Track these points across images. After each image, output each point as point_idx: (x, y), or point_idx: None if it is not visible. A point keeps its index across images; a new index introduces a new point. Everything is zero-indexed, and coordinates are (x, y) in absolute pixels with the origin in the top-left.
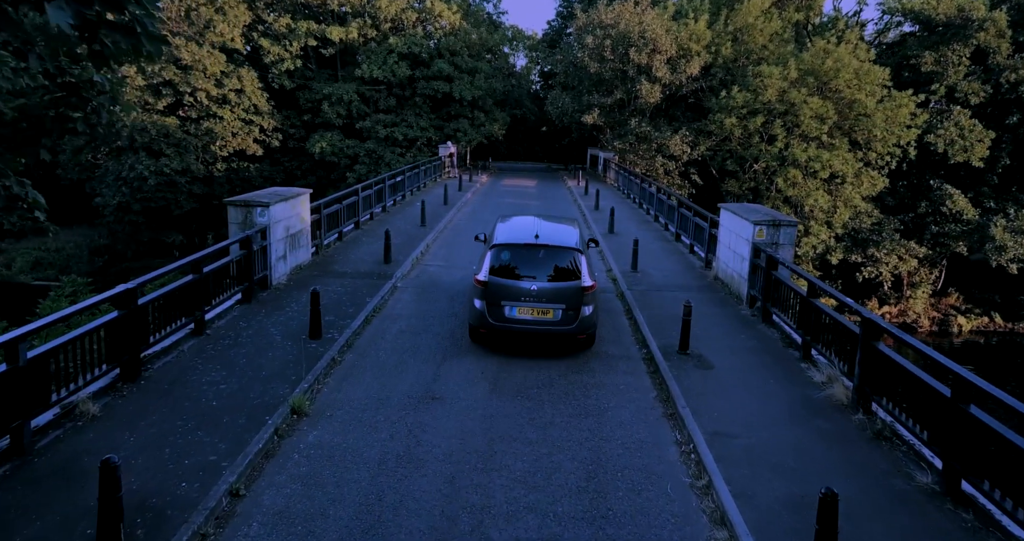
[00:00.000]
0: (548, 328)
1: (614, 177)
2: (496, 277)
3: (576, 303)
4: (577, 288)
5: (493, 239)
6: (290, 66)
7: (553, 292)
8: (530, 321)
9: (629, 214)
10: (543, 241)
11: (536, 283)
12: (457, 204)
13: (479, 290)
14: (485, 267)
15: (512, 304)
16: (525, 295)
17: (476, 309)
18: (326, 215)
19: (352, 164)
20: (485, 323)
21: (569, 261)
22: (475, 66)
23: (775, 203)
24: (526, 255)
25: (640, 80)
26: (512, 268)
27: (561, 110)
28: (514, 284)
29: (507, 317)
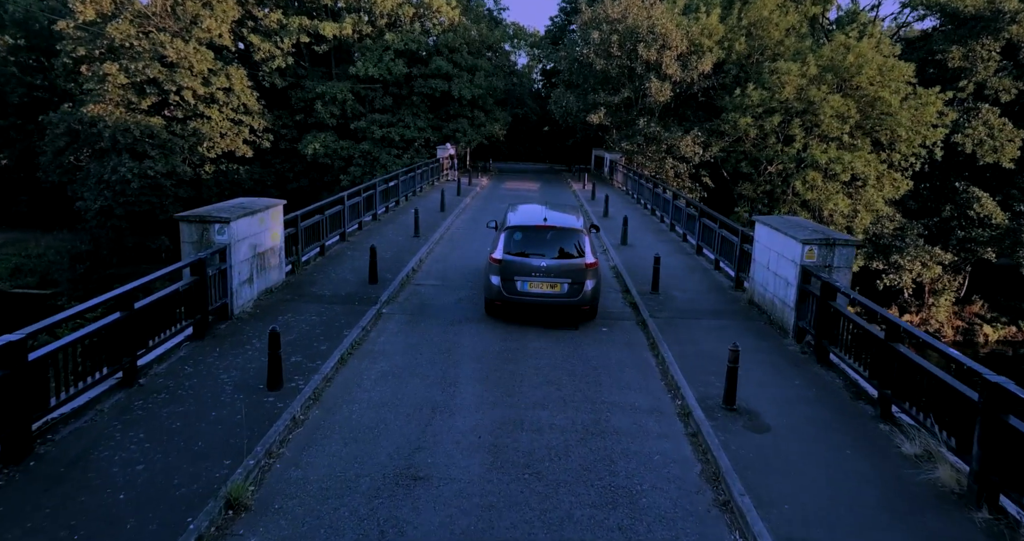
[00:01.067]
0: (556, 300)
1: (622, 180)
2: (510, 256)
3: (581, 278)
4: (581, 264)
5: (506, 222)
6: (281, 64)
7: (560, 268)
8: (540, 294)
9: (642, 222)
10: (551, 223)
11: (545, 260)
12: (455, 211)
13: (495, 267)
14: (500, 247)
15: (524, 279)
16: (536, 271)
17: (492, 285)
18: (304, 228)
19: (346, 166)
20: (501, 296)
21: (574, 241)
22: (475, 64)
23: (792, 207)
24: (536, 236)
25: (649, 77)
26: (524, 247)
27: (565, 109)
28: (526, 261)
29: (520, 291)
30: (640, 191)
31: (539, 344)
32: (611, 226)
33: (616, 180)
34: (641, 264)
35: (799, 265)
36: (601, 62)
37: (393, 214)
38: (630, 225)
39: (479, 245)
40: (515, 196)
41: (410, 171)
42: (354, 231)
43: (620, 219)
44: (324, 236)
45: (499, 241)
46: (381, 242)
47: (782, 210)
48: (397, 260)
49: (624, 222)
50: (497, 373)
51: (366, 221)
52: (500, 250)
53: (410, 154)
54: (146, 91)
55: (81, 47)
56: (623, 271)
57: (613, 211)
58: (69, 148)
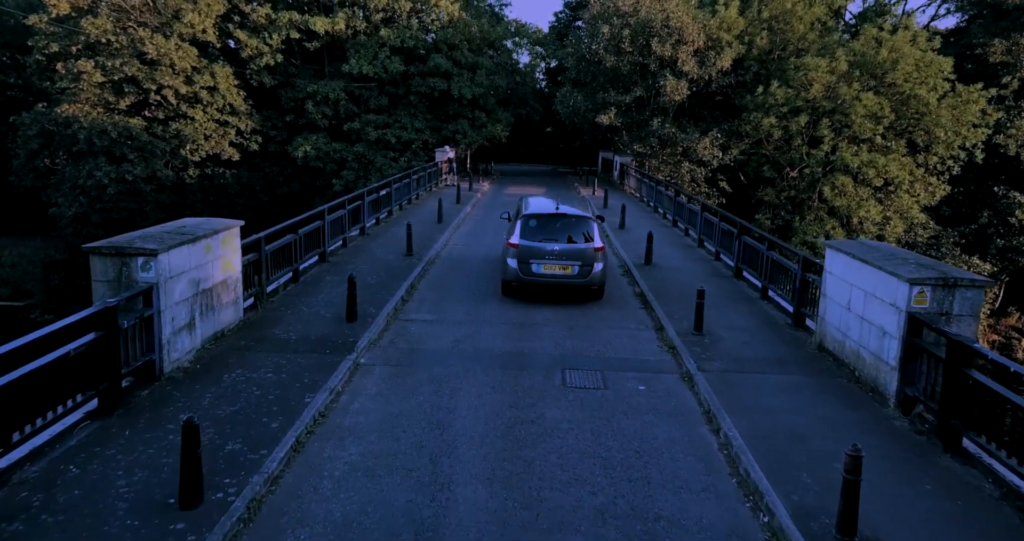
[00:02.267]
0: (567, 281)
1: (635, 186)
2: (526, 240)
3: (590, 260)
4: (591, 249)
5: (523, 211)
6: (270, 61)
7: (572, 252)
8: (553, 275)
9: (664, 236)
10: (563, 211)
11: (558, 244)
12: (453, 222)
13: (512, 251)
14: (517, 233)
15: (539, 262)
16: (549, 254)
17: (510, 267)
18: (273, 251)
19: (339, 170)
20: (517, 277)
21: (584, 227)
22: (476, 61)
23: (818, 214)
24: (549, 223)
25: (664, 75)
26: (538, 233)
27: (572, 109)
28: (540, 246)
29: (535, 272)
30: (658, 199)
31: (559, 415)
32: (630, 240)
33: (628, 185)
34: (673, 291)
35: (904, 311)
36: (611, 59)
37: (384, 227)
38: (651, 239)
39: (482, 265)
40: None
41: (404, 177)
42: (337, 249)
43: (639, 232)
44: (298, 258)
45: (516, 228)
46: (367, 263)
47: (807, 217)
48: (384, 287)
49: (649, 239)
50: (507, 466)
51: (352, 236)
52: (517, 235)
53: (407, 157)
54: (124, 90)
55: (55, 43)
56: (653, 300)
57: (630, 222)
58: (43, 150)
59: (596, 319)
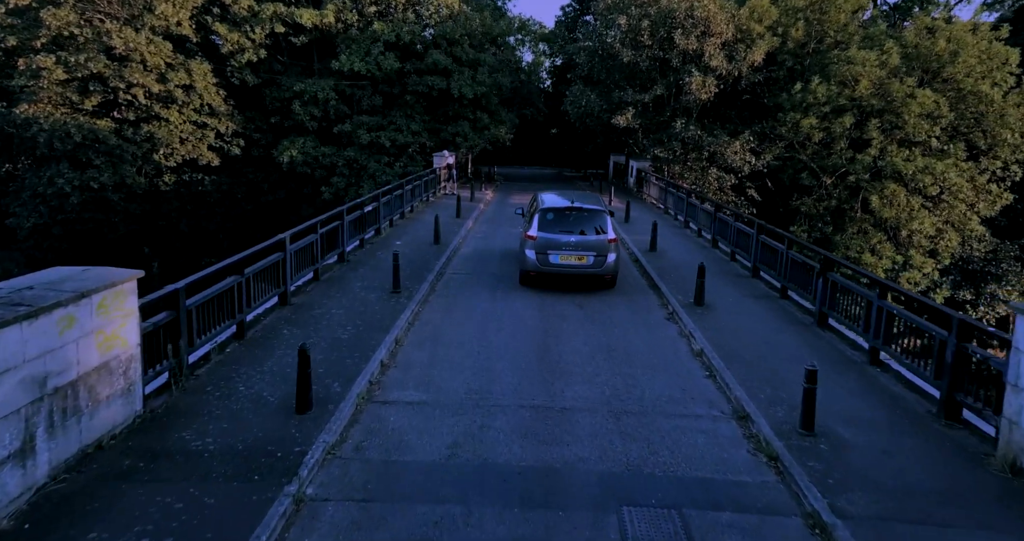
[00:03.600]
0: (583, 270)
1: (657, 195)
2: (543, 233)
3: (604, 251)
4: (604, 240)
5: (540, 206)
6: (252, 57)
7: (587, 243)
8: (569, 266)
9: (707, 261)
10: (578, 205)
11: (574, 236)
12: (453, 242)
13: (530, 243)
14: (535, 226)
15: (555, 252)
16: (566, 245)
17: (528, 257)
18: (200, 305)
19: (328, 176)
20: (536, 267)
21: (598, 220)
22: (477, 58)
23: (862, 227)
24: (565, 216)
25: (689, 70)
26: (555, 226)
27: (584, 110)
28: (557, 237)
29: (552, 262)
30: (689, 213)
31: None
32: (667, 268)
33: (648, 194)
34: (745, 351)
35: None
36: (629, 53)
37: (369, 251)
38: (692, 269)
39: (487, 304)
40: None
41: (396, 188)
42: (306, 285)
43: (677, 256)
44: (245, 305)
45: (534, 221)
46: (341, 306)
47: (848, 229)
48: (359, 345)
49: (700, 273)
50: None
51: (329, 263)
52: (535, 228)
53: (403, 162)
54: (90, 89)
55: (13, 37)
56: (720, 367)
57: (664, 244)
58: (2, 155)
59: (648, 401)
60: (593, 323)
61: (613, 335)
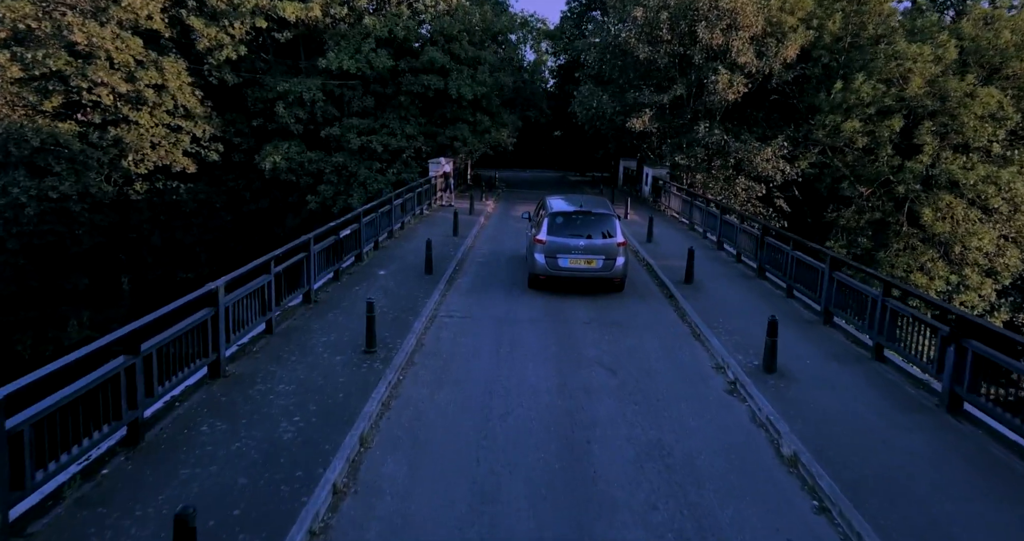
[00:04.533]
0: (592, 274)
1: (679, 208)
2: (553, 236)
3: (613, 254)
4: (613, 243)
5: (549, 209)
6: (231, 54)
7: (596, 246)
8: (579, 269)
9: (764, 304)
10: (587, 209)
11: (583, 240)
12: (447, 271)
13: (540, 247)
14: (544, 230)
15: (565, 256)
16: (574, 249)
17: (537, 261)
18: (52, 414)
19: (315, 184)
20: (545, 271)
21: (606, 223)
22: (477, 56)
23: (910, 243)
24: (575, 220)
25: (715, 68)
26: (564, 229)
27: (595, 112)
28: (566, 241)
29: (561, 266)
30: (728, 234)
31: None
32: (711, 309)
33: (669, 206)
34: (870, 467)
35: None
36: (645, 49)
37: (345, 285)
38: (747, 314)
39: (490, 367)
40: None
41: (382, 205)
42: (252, 343)
43: (720, 292)
44: (138, 401)
45: (543, 225)
46: (293, 378)
47: (894, 245)
48: (299, 458)
49: (771, 329)
50: None
51: (291, 308)
52: (544, 232)
53: (396, 168)
54: (50, 89)
55: None
56: (836, 499)
57: (702, 274)
58: None
59: None
60: (635, 401)
61: (662, 422)
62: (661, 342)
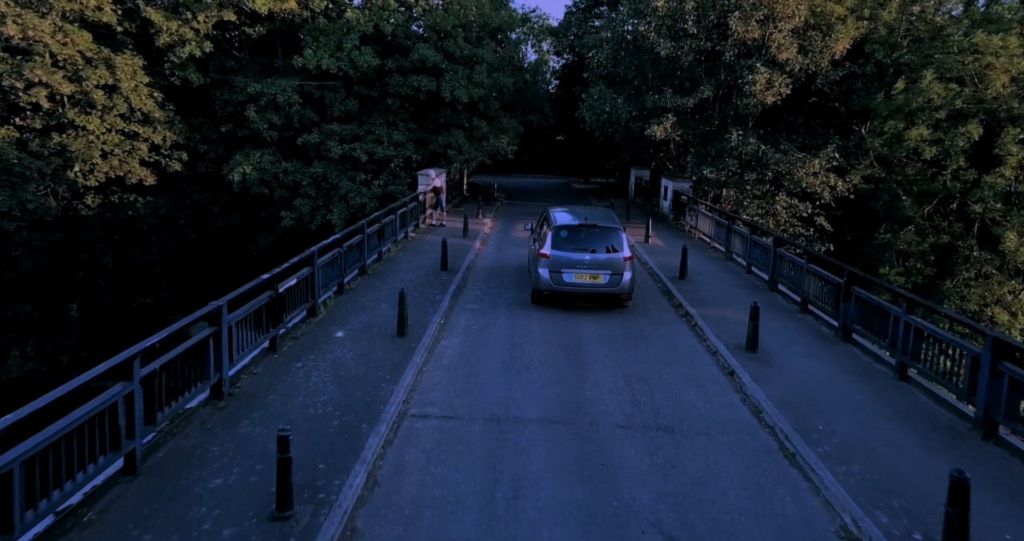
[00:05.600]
0: (598, 289)
1: (711, 231)
2: (557, 250)
3: (620, 269)
4: (620, 258)
5: (553, 222)
6: (195, 51)
7: (602, 261)
8: (584, 285)
9: (857, 382)
10: (592, 222)
11: (588, 254)
12: (428, 330)
13: (544, 261)
14: (548, 243)
15: (570, 271)
16: (580, 264)
17: (541, 276)
18: None
19: (291, 197)
20: (549, 286)
21: (612, 237)
22: (474, 54)
23: (983, 271)
24: (580, 233)
25: (751, 66)
26: (569, 244)
27: (608, 117)
28: (570, 255)
29: (566, 281)
30: (786, 271)
31: None
32: (791, 398)
33: (696, 227)
34: None
35: None
36: (667, 45)
37: (283, 361)
38: (841, 396)
39: (477, 532)
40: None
41: (350, 236)
42: (151, 445)
43: (797, 364)
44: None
45: (547, 238)
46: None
47: (962, 274)
48: None
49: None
50: None
51: (189, 410)
52: (548, 246)
53: (383, 180)
54: None
55: None
56: None
57: (767, 335)
58: None
59: None
60: None
61: None
62: (740, 468)
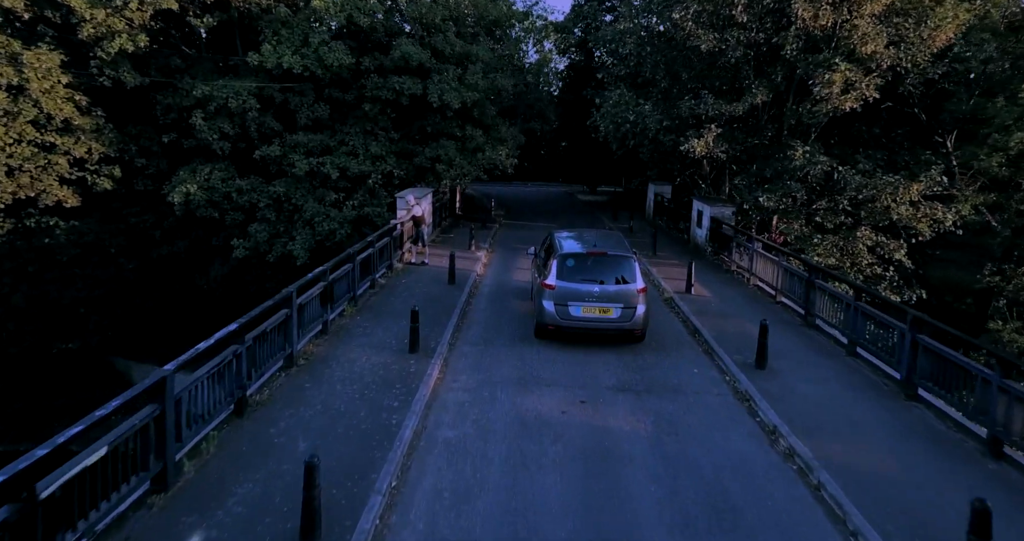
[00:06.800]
0: (608, 325)
1: (776, 278)
2: (563, 281)
3: (632, 302)
4: (633, 290)
5: (558, 249)
6: (127, 45)
7: (613, 293)
8: (593, 319)
9: None
10: (602, 250)
11: (598, 286)
12: (369, 517)
13: (549, 293)
14: (553, 273)
15: (577, 304)
16: (588, 296)
17: (546, 309)
18: None
19: (246, 221)
20: (555, 321)
21: (624, 266)
22: (467, 52)
23: None
24: (588, 262)
25: (828, 63)
26: (576, 274)
27: (633, 126)
28: (579, 287)
29: (573, 316)
30: (937, 367)
31: None
32: None
33: (751, 270)
34: None
35: None
36: (709, 37)
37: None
38: None
39: None
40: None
41: (269, 313)
42: None
43: None
44: None
45: (551, 267)
46: None
47: None
48: None
49: None
50: None
51: None
52: (553, 276)
53: (357, 200)
54: None
55: None
56: None
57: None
58: None
59: None
60: None
61: None
62: None
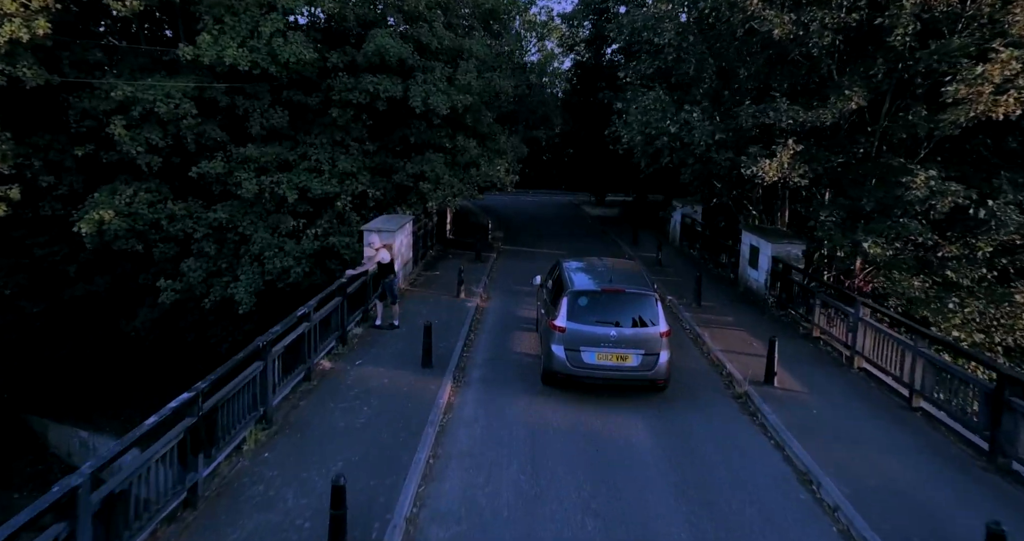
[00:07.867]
0: (627, 374)
1: (897, 359)
2: (575, 322)
3: (655, 348)
4: (655, 333)
5: (569, 285)
6: (22, 34)
7: (632, 338)
8: (609, 367)
9: None
10: (619, 286)
11: (614, 329)
12: None
13: (558, 336)
14: (563, 313)
15: (591, 349)
16: (604, 341)
17: (555, 355)
18: None
19: (179, 257)
20: (565, 368)
21: (645, 306)
22: (459, 46)
23: None
24: (603, 301)
25: (972, 53)
26: (590, 314)
27: (672, 139)
28: (592, 330)
29: (586, 363)
30: None
31: None
32: None
33: (858, 345)
34: None
35: None
36: (781, 20)
37: None
38: None
39: None
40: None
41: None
42: None
43: None
44: None
45: (561, 306)
46: None
47: None
48: None
49: None
50: None
51: None
52: (563, 316)
53: (321, 228)
54: None
55: None
56: None
57: None
58: None
59: None
60: None
61: None
62: None
